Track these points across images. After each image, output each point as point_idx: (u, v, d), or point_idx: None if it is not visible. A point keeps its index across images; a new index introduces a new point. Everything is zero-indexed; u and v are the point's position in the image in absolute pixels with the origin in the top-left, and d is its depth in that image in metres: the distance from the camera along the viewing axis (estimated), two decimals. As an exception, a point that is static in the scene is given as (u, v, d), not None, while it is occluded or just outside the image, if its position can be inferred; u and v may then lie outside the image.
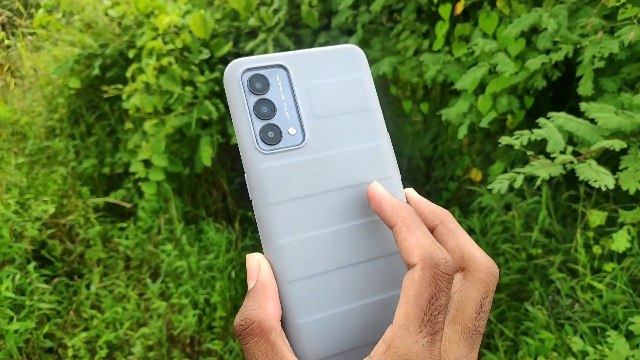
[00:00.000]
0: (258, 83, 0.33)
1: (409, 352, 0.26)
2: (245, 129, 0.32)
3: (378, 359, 0.26)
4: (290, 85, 0.33)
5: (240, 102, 0.33)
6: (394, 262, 0.33)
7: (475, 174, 1.86)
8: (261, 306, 0.29)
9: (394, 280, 0.33)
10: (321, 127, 0.33)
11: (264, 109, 0.33)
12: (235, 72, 0.33)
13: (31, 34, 2.83)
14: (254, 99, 0.33)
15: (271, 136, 0.32)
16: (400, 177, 0.35)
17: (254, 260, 0.31)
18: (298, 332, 0.31)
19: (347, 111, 0.34)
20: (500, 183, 0.93)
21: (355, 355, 0.31)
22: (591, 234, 1.52)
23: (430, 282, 0.27)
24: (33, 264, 1.70)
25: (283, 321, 0.31)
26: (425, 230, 0.29)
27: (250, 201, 0.32)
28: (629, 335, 1.24)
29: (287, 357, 0.28)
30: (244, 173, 0.33)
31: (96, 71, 2.20)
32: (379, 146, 0.34)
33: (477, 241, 1.63)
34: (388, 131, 0.36)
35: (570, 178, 1.73)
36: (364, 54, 0.35)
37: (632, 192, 0.97)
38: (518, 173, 0.94)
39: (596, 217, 1.42)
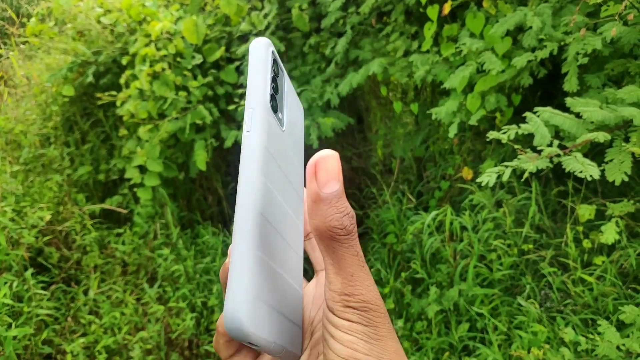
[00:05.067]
0: (276, 66, 0.36)
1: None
2: (263, 85, 0.33)
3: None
4: (285, 84, 0.38)
5: (264, 67, 0.34)
6: (297, 261, 0.37)
7: (467, 173, 1.89)
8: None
9: (296, 275, 0.36)
10: (289, 130, 0.37)
11: (274, 85, 0.35)
12: (267, 47, 0.35)
13: (24, 43, 2.84)
14: (271, 73, 0.35)
15: (273, 105, 0.34)
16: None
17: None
18: (258, 265, 0.30)
19: (298, 134, 0.40)
20: (489, 176, 0.96)
21: (285, 322, 0.32)
22: (581, 229, 1.55)
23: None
24: (30, 271, 1.70)
25: (237, 255, 0.30)
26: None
27: None
28: (620, 327, 1.27)
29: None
30: (250, 108, 0.32)
31: (90, 78, 2.22)
32: (301, 160, 0.40)
33: (469, 238, 1.66)
34: (377, 133, 0.39)
35: (559, 174, 1.76)
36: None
37: (617, 182, 1.00)
38: (506, 167, 0.97)
39: (585, 211, 1.45)
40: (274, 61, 0.35)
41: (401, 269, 1.82)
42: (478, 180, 0.99)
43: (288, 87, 0.38)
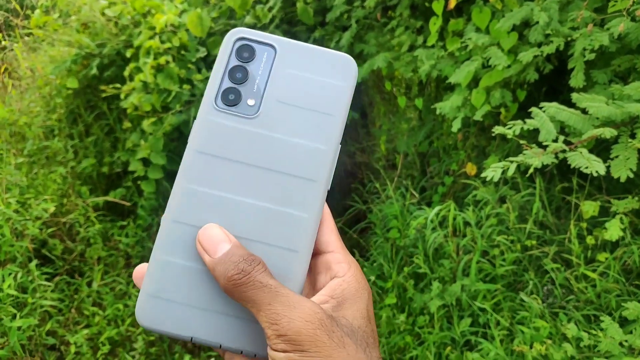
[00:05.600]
0: (246, 52, 0.36)
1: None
2: (214, 84, 0.36)
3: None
4: (272, 65, 0.36)
5: (222, 62, 0.36)
6: (276, 254, 0.34)
7: (471, 168, 1.89)
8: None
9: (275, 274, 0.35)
10: (279, 110, 0.36)
11: (238, 75, 0.36)
12: (231, 37, 0.37)
13: (28, 35, 2.84)
14: (234, 62, 0.36)
15: (231, 98, 0.35)
16: (327, 187, 0.36)
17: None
18: (158, 267, 0.33)
19: (310, 108, 0.36)
20: (493, 171, 0.96)
21: (195, 313, 0.33)
22: (584, 225, 1.55)
23: None
24: (35, 262, 1.71)
25: (151, 255, 0.34)
26: None
27: None
28: (623, 323, 1.27)
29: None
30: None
31: (94, 71, 2.22)
32: (321, 151, 0.35)
33: (472, 233, 1.66)
34: (380, 128, 0.38)
35: (563, 170, 1.75)
36: (356, 69, 0.37)
37: (623, 179, 0.99)
38: (511, 162, 0.97)
39: (589, 208, 1.45)
40: (240, 48, 0.36)
41: (404, 263, 1.82)
42: (483, 175, 0.99)
43: (278, 64, 0.36)
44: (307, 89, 0.36)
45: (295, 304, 0.30)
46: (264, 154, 0.35)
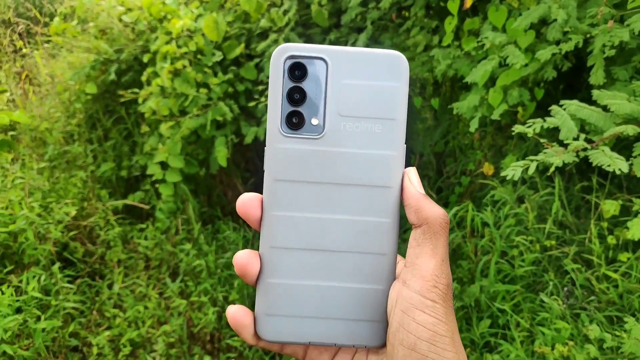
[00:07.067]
0: (297, 71, 0.36)
1: None
2: (275, 110, 0.36)
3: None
4: (326, 78, 0.36)
5: (277, 86, 0.36)
6: (369, 260, 0.37)
7: (488, 168, 1.87)
8: None
9: (363, 274, 0.37)
10: (342, 124, 0.36)
11: (296, 96, 0.36)
12: (280, 57, 0.36)
13: (47, 42, 2.90)
14: (289, 84, 0.36)
15: (295, 122, 0.36)
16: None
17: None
18: (268, 289, 0.37)
19: (372, 116, 0.36)
20: (513, 170, 0.95)
21: (308, 323, 0.37)
22: (605, 225, 1.52)
23: None
24: (57, 265, 1.74)
25: (258, 279, 0.37)
26: None
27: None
28: (647, 323, 1.25)
29: None
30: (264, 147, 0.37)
31: (112, 76, 2.25)
32: (391, 157, 0.36)
33: (490, 234, 1.65)
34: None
35: (583, 169, 1.73)
36: (407, 65, 0.37)
37: (645, 178, 0.98)
38: (531, 161, 0.96)
39: (610, 207, 1.43)
40: (292, 68, 0.36)
41: (421, 264, 1.81)
42: (503, 174, 0.98)
43: (333, 77, 0.36)
44: (365, 96, 0.36)
45: (450, 274, 0.36)
46: (338, 170, 0.36)
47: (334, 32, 2.04)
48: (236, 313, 0.38)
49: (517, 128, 0.99)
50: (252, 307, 0.38)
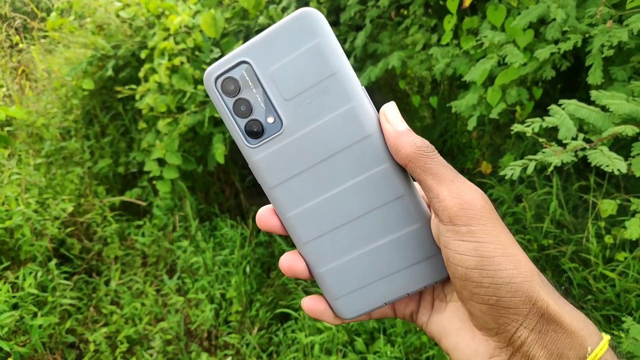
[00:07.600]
0: (230, 85, 0.36)
1: None
2: (233, 129, 0.37)
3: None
4: (257, 77, 0.36)
5: (222, 108, 0.37)
6: (390, 209, 0.37)
7: (486, 167, 1.88)
8: None
9: (391, 224, 0.37)
10: (293, 107, 0.36)
11: (242, 107, 0.37)
12: (210, 82, 0.37)
13: (44, 37, 2.88)
14: (231, 101, 0.37)
15: (255, 130, 0.37)
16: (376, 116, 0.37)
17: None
18: (322, 279, 0.39)
19: (313, 83, 0.36)
20: (512, 169, 0.95)
21: (372, 288, 0.39)
22: (602, 224, 1.53)
23: None
24: (54, 261, 1.74)
25: (310, 273, 0.39)
26: None
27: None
28: (643, 322, 1.25)
29: None
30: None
31: (109, 72, 2.24)
32: (352, 108, 0.36)
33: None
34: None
35: (580, 169, 1.73)
36: (317, 16, 0.35)
37: (643, 178, 0.98)
38: (530, 160, 0.96)
39: (607, 206, 1.43)
40: (223, 85, 0.36)
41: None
42: (501, 173, 0.98)
43: (261, 72, 0.36)
44: (296, 70, 0.35)
45: (470, 186, 0.33)
46: (316, 149, 0.36)
47: (332, 30, 2.03)
48: (310, 304, 0.40)
49: (517, 127, 0.99)
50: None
